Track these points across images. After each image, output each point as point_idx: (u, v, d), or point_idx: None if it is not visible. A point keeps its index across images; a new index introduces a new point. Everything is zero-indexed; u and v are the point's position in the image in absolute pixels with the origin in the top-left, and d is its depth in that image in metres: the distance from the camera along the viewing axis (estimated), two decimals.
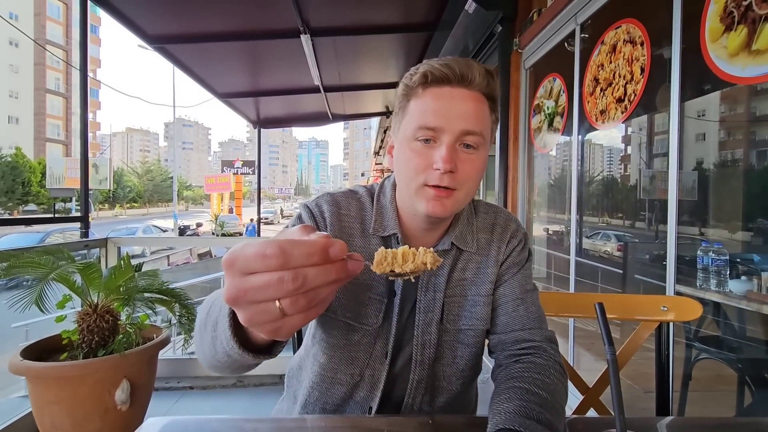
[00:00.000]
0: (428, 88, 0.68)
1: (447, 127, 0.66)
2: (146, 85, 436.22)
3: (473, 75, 0.66)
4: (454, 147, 0.66)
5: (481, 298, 0.77)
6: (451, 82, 0.67)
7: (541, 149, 2.83)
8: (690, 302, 1.03)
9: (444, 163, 0.64)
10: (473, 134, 0.67)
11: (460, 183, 0.67)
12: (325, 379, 0.76)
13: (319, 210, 0.76)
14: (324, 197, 0.79)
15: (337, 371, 0.75)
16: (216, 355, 0.52)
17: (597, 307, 0.45)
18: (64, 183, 16.22)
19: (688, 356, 2.00)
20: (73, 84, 45.56)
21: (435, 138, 0.67)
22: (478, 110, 0.67)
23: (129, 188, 51.93)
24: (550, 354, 0.73)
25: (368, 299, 0.74)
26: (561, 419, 0.61)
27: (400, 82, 0.72)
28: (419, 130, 0.67)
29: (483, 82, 0.67)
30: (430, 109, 0.67)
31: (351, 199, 0.79)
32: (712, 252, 1.84)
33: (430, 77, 0.67)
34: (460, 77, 0.66)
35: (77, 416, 1.81)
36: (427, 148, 0.67)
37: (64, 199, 24.83)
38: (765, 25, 1.14)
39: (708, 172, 2.17)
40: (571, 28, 2.33)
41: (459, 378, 0.77)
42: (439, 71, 0.66)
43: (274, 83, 4.81)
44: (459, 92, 0.67)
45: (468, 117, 0.66)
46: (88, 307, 1.93)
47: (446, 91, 0.67)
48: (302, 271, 0.34)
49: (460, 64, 0.67)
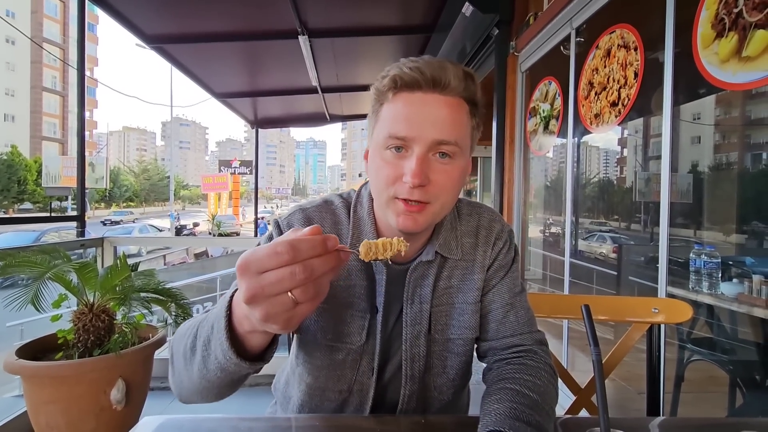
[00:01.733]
0: (399, 93, 0.62)
1: (418, 137, 0.60)
2: (143, 84, 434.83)
3: (447, 79, 0.61)
4: (426, 158, 0.61)
5: (469, 306, 0.75)
6: (422, 87, 0.61)
7: (536, 152, 2.85)
8: (680, 304, 1.04)
9: (413, 177, 0.59)
10: (447, 144, 0.61)
11: (433, 196, 0.62)
12: (314, 396, 0.75)
13: (290, 227, 0.70)
14: (296, 214, 0.74)
15: (325, 389, 0.74)
16: (206, 375, 0.54)
17: (583, 309, 0.47)
18: (60, 181, 16.18)
19: (681, 358, 2.02)
20: (70, 82, 45.37)
21: (406, 147, 0.62)
22: (454, 117, 0.62)
23: (125, 187, 51.77)
24: (540, 356, 0.74)
25: (350, 317, 0.71)
26: (550, 421, 0.62)
27: (372, 85, 0.67)
28: (389, 139, 0.62)
29: (459, 86, 0.62)
30: (401, 117, 0.61)
31: (324, 212, 0.75)
32: (705, 255, 1.85)
33: (399, 82, 0.62)
34: (432, 82, 0.61)
35: (72, 415, 1.81)
36: (397, 158, 0.62)
37: (59, 197, 24.71)
38: (755, 32, 1.16)
39: (703, 174, 2.19)
40: (567, 33, 2.35)
41: (450, 387, 0.76)
42: (409, 76, 0.61)
43: (272, 83, 4.82)
44: (432, 98, 0.61)
45: (441, 125, 0.61)
46: (84, 306, 1.93)
47: (418, 96, 0.61)
48: (310, 263, 0.40)
49: (433, 67, 0.61)
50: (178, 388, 0.62)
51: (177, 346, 0.60)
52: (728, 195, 2.12)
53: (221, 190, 19.08)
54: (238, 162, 22.49)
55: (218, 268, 7.44)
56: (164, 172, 63.22)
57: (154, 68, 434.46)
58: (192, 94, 12.10)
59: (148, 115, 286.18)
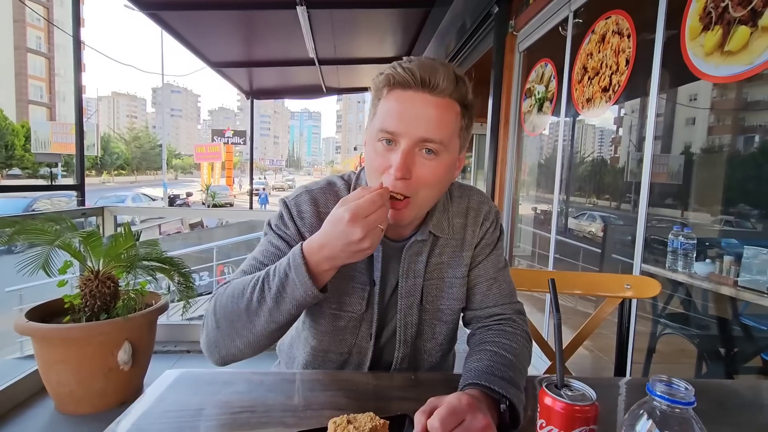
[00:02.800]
0: (393, 90, 0.68)
1: (405, 132, 0.66)
2: (133, 48, 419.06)
3: (437, 80, 0.65)
4: (412, 152, 0.67)
5: (457, 280, 0.83)
6: (412, 86, 0.66)
7: (530, 132, 2.90)
8: (649, 281, 1.14)
9: (396, 170, 0.66)
10: (432, 141, 0.66)
11: (414, 190, 0.68)
12: (317, 357, 0.84)
13: (298, 210, 0.79)
14: (302, 196, 0.81)
15: (328, 351, 0.83)
16: (277, 318, 0.68)
17: (549, 282, 0.55)
18: (50, 148, 15.87)
19: (654, 331, 2.16)
20: (56, 43, 43.66)
21: (395, 141, 0.68)
22: (441, 116, 0.67)
23: (116, 155, 50.83)
24: (518, 324, 0.83)
25: (351, 288, 0.79)
26: (523, 377, 0.71)
27: (371, 82, 0.73)
28: (380, 132, 0.68)
29: (449, 87, 0.66)
30: (392, 113, 0.67)
31: (329, 194, 0.81)
32: (682, 236, 1.95)
33: (392, 80, 0.67)
34: (421, 82, 0.65)
35: (83, 374, 1.92)
36: (387, 151, 0.68)
37: (50, 164, 24.29)
38: (738, 27, 1.21)
39: (694, 156, 2.25)
40: (565, 15, 2.36)
41: (438, 351, 0.86)
42: (401, 75, 0.66)
43: (268, 54, 4.74)
44: (421, 97, 0.66)
45: (428, 123, 0.66)
46: (90, 273, 2.01)
47: (409, 95, 0.67)
48: (383, 207, 0.63)
49: (425, 68, 0.66)
50: (225, 348, 0.71)
51: (227, 308, 0.70)
52: (716, 177, 2.18)
53: (214, 160, 18.86)
54: (231, 132, 22.13)
55: (215, 238, 7.51)
56: (156, 140, 62.03)
57: (144, 31, 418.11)
58: (184, 60, 11.78)
59: (137, 81, 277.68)
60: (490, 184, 3.27)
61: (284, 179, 57.22)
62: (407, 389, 0.75)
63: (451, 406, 0.54)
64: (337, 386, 0.75)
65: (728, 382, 1.18)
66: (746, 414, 0.73)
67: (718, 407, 0.74)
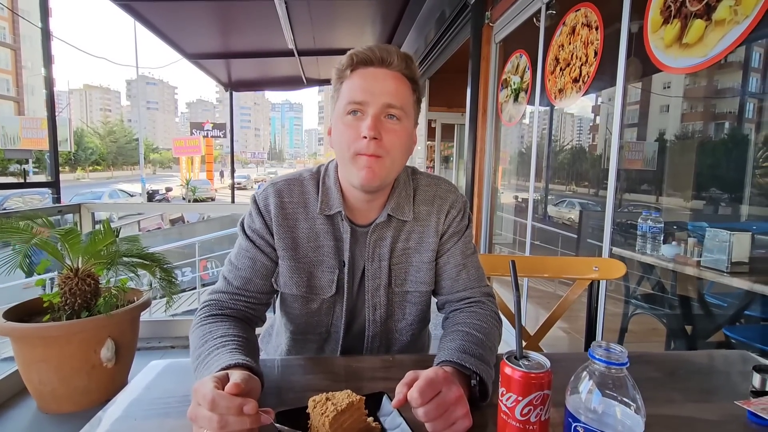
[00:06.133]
0: (355, 69, 0.79)
1: (371, 101, 0.77)
2: (103, 39, 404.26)
3: (392, 58, 0.78)
4: (379, 118, 0.77)
5: (425, 265, 0.89)
6: (373, 63, 0.78)
7: (507, 123, 2.96)
8: (615, 263, 1.21)
9: (368, 130, 0.75)
10: (394, 107, 0.77)
11: (385, 150, 0.77)
12: (298, 341, 0.91)
13: (265, 204, 0.86)
14: (268, 189, 0.88)
15: (307, 333, 0.90)
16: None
17: (510, 264, 0.60)
18: (19, 144, 15.26)
19: (626, 312, 2.26)
20: (22, 34, 41.78)
21: (362, 111, 0.77)
22: (399, 88, 0.79)
23: (91, 150, 49.28)
24: (487, 305, 0.88)
25: (321, 272, 0.85)
26: (493, 354, 0.77)
27: (333, 71, 0.83)
28: (349, 105, 0.78)
29: (401, 64, 0.79)
30: (358, 87, 0.78)
31: (293, 185, 0.88)
32: (650, 220, 2.05)
33: (355, 59, 0.79)
34: (380, 59, 0.78)
35: (65, 373, 1.91)
36: (356, 120, 0.78)
37: (20, 160, 23.41)
38: (694, 21, 1.27)
39: (668, 143, 2.33)
40: (538, 7, 2.41)
41: (409, 330, 0.91)
42: (362, 54, 0.78)
43: (246, 45, 4.67)
44: (381, 72, 0.79)
45: (390, 93, 0.77)
46: (69, 270, 1.99)
47: (370, 71, 0.79)
48: (225, 417, 0.51)
49: (381, 49, 0.79)
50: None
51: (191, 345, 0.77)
52: (688, 163, 2.27)
53: (194, 153, 18.44)
54: (210, 125, 21.64)
55: (197, 233, 7.41)
56: (132, 134, 60.27)
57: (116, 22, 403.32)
58: (160, 51, 11.47)
59: (111, 73, 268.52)
60: (470, 173, 3.33)
61: (266, 172, 56.51)
62: (384, 370, 0.80)
63: (428, 379, 0.58)
64: (317, 369, 0.79)
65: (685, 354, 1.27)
66: (694, 380, 0.80)
67: (670, 375, 0.80)
